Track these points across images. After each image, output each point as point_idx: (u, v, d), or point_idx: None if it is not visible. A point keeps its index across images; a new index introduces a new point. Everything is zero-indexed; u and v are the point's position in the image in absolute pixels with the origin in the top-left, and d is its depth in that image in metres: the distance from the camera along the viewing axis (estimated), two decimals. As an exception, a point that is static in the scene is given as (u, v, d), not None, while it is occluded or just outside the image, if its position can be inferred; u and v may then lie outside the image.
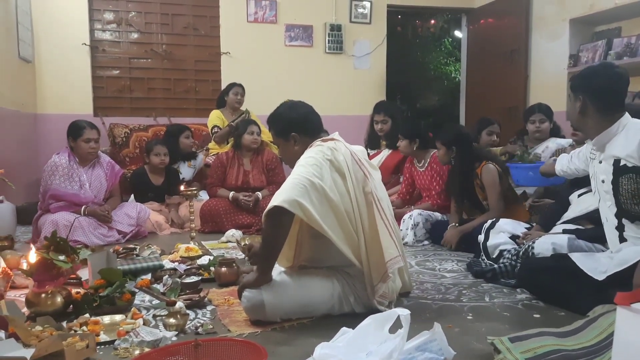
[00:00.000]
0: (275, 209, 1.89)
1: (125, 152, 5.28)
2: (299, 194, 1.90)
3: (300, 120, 2.22)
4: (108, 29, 5.78)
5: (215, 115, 5.06)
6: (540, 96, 5.41)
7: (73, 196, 3.67)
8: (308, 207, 1.89)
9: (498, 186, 3.25)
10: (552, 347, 1.55)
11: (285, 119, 2.23)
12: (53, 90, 5.55)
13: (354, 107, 6.08)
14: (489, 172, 3.26)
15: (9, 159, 4.15)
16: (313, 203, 1.91)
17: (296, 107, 2.27)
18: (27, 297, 2.06)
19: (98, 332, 1.84)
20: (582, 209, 2.61)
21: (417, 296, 2.37)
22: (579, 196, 2.69)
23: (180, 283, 2.39)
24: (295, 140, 2.21)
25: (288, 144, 2.23)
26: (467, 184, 3.36)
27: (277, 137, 2.27)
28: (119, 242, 3.65)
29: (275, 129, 2.26)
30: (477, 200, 3.39)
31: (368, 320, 1.58)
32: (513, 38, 5.82)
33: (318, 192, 1.94)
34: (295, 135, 2.20)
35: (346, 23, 6.29)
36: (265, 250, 2.02)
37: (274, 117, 2.28)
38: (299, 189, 1.91)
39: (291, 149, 2.22)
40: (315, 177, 1.96)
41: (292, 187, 1.93)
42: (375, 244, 2.03)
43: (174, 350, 1.53)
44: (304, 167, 2.00)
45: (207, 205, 4.16)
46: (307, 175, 1.95)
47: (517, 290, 2.40)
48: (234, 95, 5.07)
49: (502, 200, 3.26)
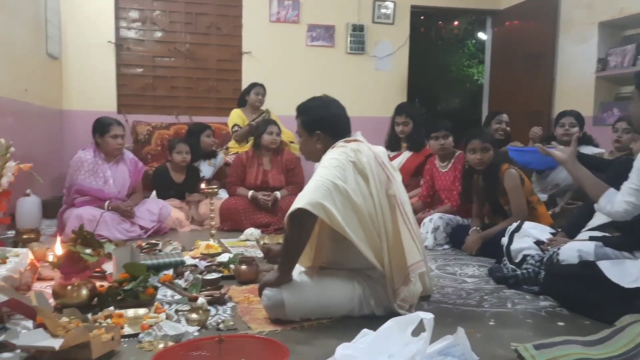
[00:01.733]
0: (298, 211, 1.89)
1: (147, 150, 5.33)
2: (322, 196, 1.89)
3: (329, 120, 2.19)
4: (133, 27, 5.84)
5: (236, 114, 5.09)
6: (566, 101, 5.35)
7: (97, 191, 3.73)
8: (331, 209, 1.88)
9: (521, 190, 3.21)
10: (578, 356, 1.54)
11: (315, 114, 2.20)
12: (78, 87, 5.63)
13: (375, 108, 6.06)
14: (511, 177, 3.22)
15: (36, 153, 4.23)
16: (336, 206, 1.90)
17: (329, 106, 2.23)
18: (54, 289, 2.10)
19: (122, 325, 1.86)
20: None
21: (438, 300, 2.36)
22: None
23: (201, 279, 2.41)
24: (318, 138, 2.19)
25: (310, 140, 2.21)
26: (491, 187, 3.31)
27: (301, 129, 2.24)
28: (141, 238, 3.69)
29: (302, 121, 2.23)
30: (498, 205, 3.35)
31: (390, 323, 1.57)
32: (539, 41, 5.74)
33: (341, 195, 1.93)
34: (319, 134, 2.18)
35: (369, 23, 6.27)
36: (286, 252, 2.01)
37: (305, 109, 2.24)
38: (322, 191, 1.90)
39: (312, 145, 2.21)
40: (338, 179, 1.94)
41: (315, 189, 1.92)
42: (397, 248, 2.02)
43: (197, 345, 1.54)
44: (327, 168, 1.98)
45: (227, 204, 4.18)
46: (330, 177, 1.94)
47: (541, 297, 2.37)
48: (255, 95, 5.10)
49: (524, 206, 3.21)
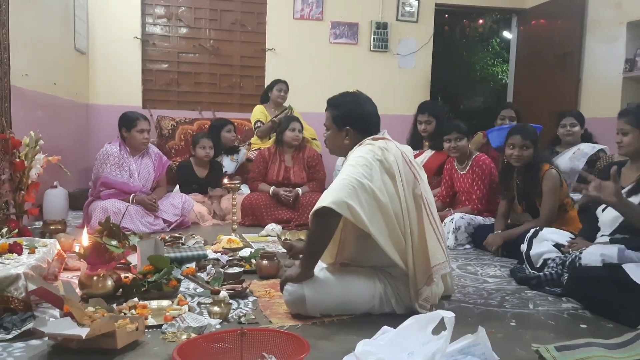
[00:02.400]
0: (323, 209, 1.89)
1: (171, 144, 5.40)
2: (347, 195, 1.89)
3: (360, 117, 2.19)
4: (159, 24, 5.92)
5: (259, 110, 5.13)
6: (592, 101, 5.27)
7: (123, 184, 3.80)
8: (356, 208, 1.88)
9: (557, 194, 3.10)
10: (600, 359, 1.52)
11: (347, 110, 2.19)
12: (105, 81, 5.72)
13: (397, 106, 6.04)
14: (552, 179, 3.10)
15: (63, 146, 4.32)
16: (361, 205, 1.90)
17: (362, 103, 2.22)
18: (80, 279, 2.16)
19: (146, 316, 1.90)
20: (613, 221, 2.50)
21: (459, 300, 2.35)
22: (603, 210, 2.59)
23: (223, 273, 2.45)
24: (347, 134, 2.18)
25: (339, 134, 2.21)
26: (529, 187, 3.21)
27: (330, 122, 2.23)
28: (164, 231, 3.75)
29: (333, 115, 2.22)
30: (533, 206, 3.25)
31: (411, 321, 1.58)
32: (566, 40, 5.66)
33: (367, 194, 1.93)
34: (349, 129, 2.18)
35: (392, 21, 6.25)
36: (309, 249, 2.03)
37: (336, 103, 2.23)
38: (348, 190, 1.90)
39: (340, 140, 2.20)
40: (364, 177, 1.94)
41: (341, 187, 1.91)
42: (422, 248, 2.02)
43: (220, 337, 1.56)
44: (353, 167, 1.98)
45: (248, 199, 4.22)
46: (356, 175, 1.94)
47: (563, 299, 2.34)
48: (277, 92, 5.12)
49: (555, 210, 3.11)
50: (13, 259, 2.07)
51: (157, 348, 1.71)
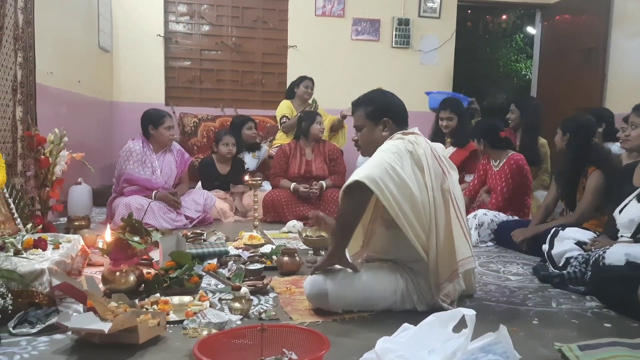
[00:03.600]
0: (355, 183, 1.91)
1: (193, 141, 5.45)
2: (380, 173, 1.91)
3: (396, 107, 2.23)
4: (181, 21, 5.97)
5: (285, 105, 5.12)
6: (618, 97, 5.15)
7: (145, 181, 3.84)
8: (387, 188, 1.90)
9: (597, 195, 2.98)
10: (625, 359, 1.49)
11: (382, 102, 2.23)
12: (128, 79, 5.79)
13: (420, 103, 5.96)
14: (597, 178, 2.99)
15: (87, 143, 4.38)
16: (392, 187, 1.92)
17: (392, 96, 2.27)
18: (103, 275, 2.19)
19: (168, 312, 1.92)
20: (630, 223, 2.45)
21: (481, 297, 2.33)
22: (620, 212, 2.53)
23: (244, 269, 2.46)
24: (385, 126, 2.19)
25: (376, 128, 2.21)
26: (572, 177, 3.12)
27: (365, 119, 2.23)
28: (186, 227, 3.78)
29: (367, 110, 2.22)
30: (574, 199, 3.16)
31: (431, 318, 1.56)
32: (591, 36, 5.54)
33: (399, 179, 1.94)
34: (387, 121, 2.19)
35: (414, 17, 6.20)
36: (340, 226, 2.04)
37: (366, 99, 2.25)
38: (381, 169, 1.92)
39: (378, 133, 2.20)
40: (396, 164, 1.96)
41: (374, 165, 1.94)
42: (448, 242, 2.01)
43: (240, 333, 1.57)
44: (386, 152, 2.00)
45: (270, 196, 4.24)
46: (389, 160, 1.96)
47: (587, 298, 2.31)
48: (304, 88, 5.12)
49: (591, 210, 3.01)
50: (38, 255, 2.10)
51: (179, 343, 1.72)
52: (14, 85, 3.10)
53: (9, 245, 2.09)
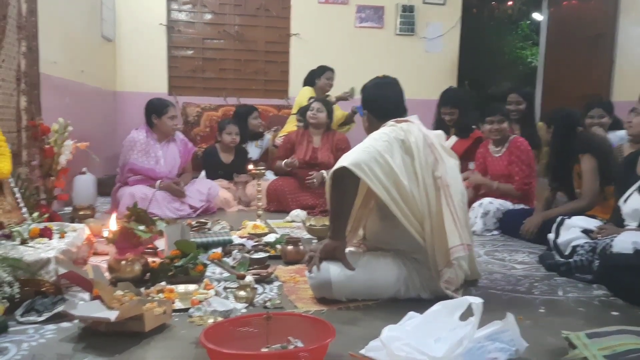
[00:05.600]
0: (341, 169, 1.92)
1: (196, 131, 5.45)
2: (367, 159, 1.92)
3: (376, 101, 2.28)
4: (184, 10, 5.94)
5: (308, 91, 5.07)
6: (626, 84, 5.11)
7: (149, 171, 3.84)
8: (372, 173, 1.92)
9: (596, 175, 2.99)
10: (633, 346, 1.48)
11: (366, 94, 2.33)
12: (131, 68, 5.78)
13: (424, 90, 5.95)
14: (589, 160, 3.01)
15: (91, 133, 4.37)
16: (379, 172, 1.93)
17: (382, 87, 2.30)
18: (109, 264, 2.19)
19: (173, 300, 1.92)
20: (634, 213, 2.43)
21: (486, 286, 2.32)
22: (625, 201, 2.51)
23: (248, 258, 2.46)
24: (367, 117, 2.29)
25: (364, 117, 2.33)
26: (562, 167, 3.14)
27: None
28: (190, 217, 3.78)
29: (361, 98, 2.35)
30: (571, 189, 3.16)
31: (438, 307, 1.56)
32: (599, 22, 5.49)
33: (387, 165, 1.95)
34: (367, 113, 2.29)
35: (419, 4, 6.15)
36: (332, 213, 2.06)
37: (362, 88, 2.35)
38: (367, 155, 1.94)
39: (364, 122, 2.32)
40: (385, 152, 1.97)
41: (361, 151, 1.96)
42: (440, 229, 2.01)
43: (246, 321, 1.57)
44: (375, 140, 2.02)
45: (273, 185, 4.23)
46: (378, 147, 1.97)
47: (594, 286, 2.30)
48: (326, 80, 5.07)
49: (597, 191, 3.00)
50: (44, 244, 2.10)
51: (184, 331, 1.72)
52: (18, 74, 3.09)
53: (15, 234, 2.10)
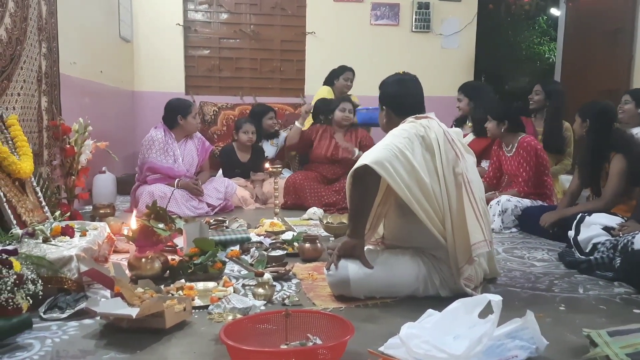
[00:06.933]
0: (362, 168, 1.91)
1: (213, 130, 5.48)
2: (388, 157, 1.90)
3: (394, 97, 2.25)
4: (200, 10, 5.97)
5: (326, 91, 5.07)
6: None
7: (168, 169, 3.88)
8: (395, 171, 1.90)
9: (622, 178, 2.93)
10: (656, 345, 1.46)
11: (384, 90, 2.30)
12: (149, 68, 5.83)
13: (440, 88, 5.91)
14: (619, 162, 2.94)
15: (110, 132, 4.43)
16: (401, 170, 1.92)
17: (400, 83, 2.26)
18: (129, 261, 2.22)
19: (193, 297, 1.94)
20: None
21: (505, 284, 2.30)
22: None
23: (266, 256, 2.47)
24: (385, 113, 2.27)
25: (381, 113, 2.31)
26: (595, 164, 3.06)
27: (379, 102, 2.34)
28: (208, 215, 3.81)
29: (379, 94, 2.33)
30: (598, 186, 3.09)
31: (457, 304, 1.55)
32: (618, 16, 5.40)
33: (408, 164, 1.94)
34: (386, 109, 2.26)
35: (435, 1, 6.11)
36: (352, 211, 2.05)
37: (381, 84, 2.33)
38: (389, 153, 1.92)
39: (382, 119, 2.31)
40: (406, 149, 1.95)
41: (382, 149, 1.94)
42: (462, 226, 1.99)
43: (265, 318, 1.58)
44: (396, 137, 2.00)
45: (292, 179, 4.26)
46: (399, 145, 1.95)
47: (615, 284, 2.27)
48: (344, 81, 5.05)
49: (618, 195, 2.95)
50: (66, 242, 2.14)
51: (204, 328, 1.74)
52: (39, 75, 3.14)
53: (38, 233, 2.13)
